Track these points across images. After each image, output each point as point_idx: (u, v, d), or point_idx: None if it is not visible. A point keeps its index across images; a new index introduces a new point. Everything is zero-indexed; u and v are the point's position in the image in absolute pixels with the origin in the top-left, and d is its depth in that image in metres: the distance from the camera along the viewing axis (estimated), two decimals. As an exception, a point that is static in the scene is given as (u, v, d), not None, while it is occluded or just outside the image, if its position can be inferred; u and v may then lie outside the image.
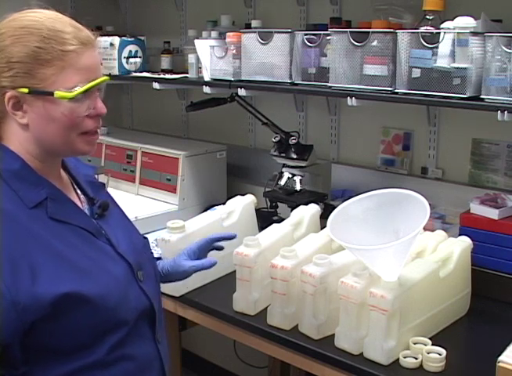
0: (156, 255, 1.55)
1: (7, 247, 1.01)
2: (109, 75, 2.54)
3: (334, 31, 1.84)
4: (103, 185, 1.31)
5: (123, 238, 1.22)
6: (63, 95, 1.06)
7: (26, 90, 1.06)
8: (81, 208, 1.20)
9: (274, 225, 1.84)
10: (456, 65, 1.58)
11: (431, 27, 1.66)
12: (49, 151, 1.13)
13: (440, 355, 1.44)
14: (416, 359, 1.45)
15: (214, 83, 2.20)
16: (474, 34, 1.57)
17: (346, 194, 2.27)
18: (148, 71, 2.64)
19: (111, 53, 2.56)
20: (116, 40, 2.57)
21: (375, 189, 1.51)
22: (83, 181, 1.25)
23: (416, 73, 1.66)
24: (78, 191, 1.23)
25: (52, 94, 1.06)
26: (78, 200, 1.21)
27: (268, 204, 2.26)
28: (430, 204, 1.40)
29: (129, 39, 2.62)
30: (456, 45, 1.58)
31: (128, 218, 1.35)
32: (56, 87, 1.06)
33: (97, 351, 1.10)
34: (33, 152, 1.12)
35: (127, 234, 1.26)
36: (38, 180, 1.11)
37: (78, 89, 1.08)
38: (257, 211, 2.10)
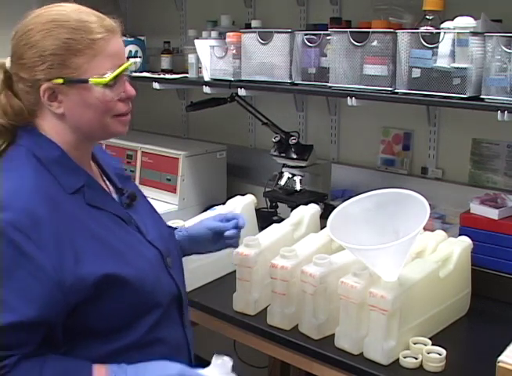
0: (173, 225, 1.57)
1: (52, 229, 1.05)
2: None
3: (334, 31, 1.84)
4: (130, 177, 1.37)
5: (151, 226, 1.27)
6: (97, 81, 1.12)
7: (60, 80, 1.10)
8: (113, 197, 1.25)
9: (274, 225, 1.84)
10: (456, 65, 1.58)
11: (431, 27, 1.66)
12: (85, 136, 1.18)
13: (440, 355, 1.44)
14: (416, 359, 1.45)
15: (214, 83, 2.20)
16: (474, 34, 1.57)
17: (346, 194, 2.27)
18: (148, 71, 2.64)
19: (111, 53, 2.56)
20: (116, 40, 2.56)
21: (375, 189, 1.51)
22: (111, 172, 1.30)
23: (416, 73, 1.66)
24: (107, 182, 1.28)
25: (86, 81, 1.11)
26: (107, 189, 1.26)
27: (268, 204, 2.26)
28: (430, 204, 1.40)
29: (129, 39, 2.62)
30: (456, 45, 1.58)
31: (154, 208, 1.40)
32: (89, 74, 1.11)
33: (134, 333, 1.14)
34: (69, 140, 1.16)
35: (154, 223, 1.31)
36: (76, 168, 1.17)
37: (111, 74, 1.13)
38: (257, 211, 2.10)
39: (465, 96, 1.58)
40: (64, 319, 1.07)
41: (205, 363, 1.20)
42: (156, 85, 2.44)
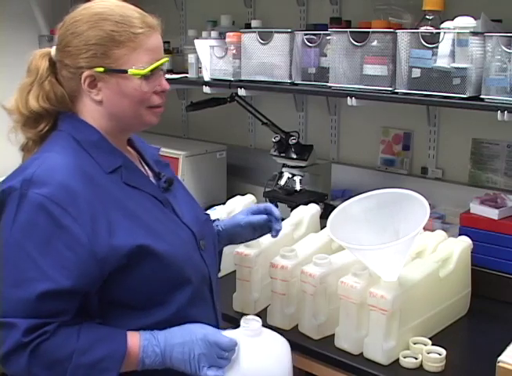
0: (213, 217, 1.58)
1: (88, 203, 1.12)
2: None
3: (334, 31, 1.84)
4: (168, 164, 1.41)
5: (187, 210, 1.32)
6: (135, 72, 1.18)
7: (101, 69, 1.17)
8: (150, 179, 1.30)
9: (274, 225, 1.84)
10: (455, 65, 1.58)
11: (431, 27, 1.66)
12: (120, 124, 1.23)
13: (440, 355, 1.44)
14: (416, 359, 1.45)
15: (214, 83, 2.20)
16: (474, 34, 1.57)
17: (346, 194, 2.27)
18: (148, 71, 2.63)
19: (111, 53, 2.56)
20: (116, 40, 2.56)
21: (375, 189, 1.51)
22: (149, 158, 1.36)
23: (416, 73, 1.66)
24: (145, 167, 1.34)
25: (125, 72, 1.18)
26: (145, 173, 1.31)
27: (268, 204, 2.25)
28: (430, 204, 1.41)
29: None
30: (456, 45, 1.58)
31: (191, 195, 1.43)
32: (129, 66, 1.18)
33: (166, 310, 1.19)
34: (106, 126, 1.22)
35: (191, 208, 1.36)
36: (114, 150, 1.23)
37: (149, 67, 1.19)
38: (257, 211, 2.10)
39: (465, 96, 1.58)
40: (99, 291, 1.13)
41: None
42: (156, 85, 2.43)
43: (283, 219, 1.90)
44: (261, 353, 1.22)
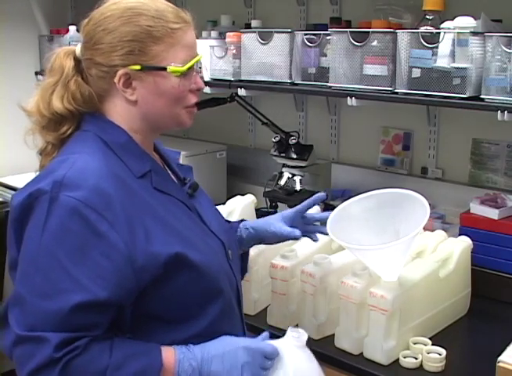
0: (239, 218, 1.55)
1: (123, 209, 1.05)
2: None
3: (334, 31, 1.84)
4: (191, 168, 1.36)
5: (213, 218, 1.28)
6: (175, 69, 1.12)
7: (138, 67, 1.11)
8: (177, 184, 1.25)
9: (274, 225, 1.84)
10: (455, 65, 1.58)
11: (431, 26, 1.66)
12: (154, 125, 1.18)
13: (440, 355, 1.44)
14: (416, 359, 1.45)
15: (214, 83, 2.20)
16: (474, 34, 1.57)
17: (346, 194, 2.27)
18: (148, 71, 2.64)
19: (111, 53, 2.56)
20: (116, 40, 2.56)
21: (375, 189, 1.51)
22: (173, 163, 1.30)
23: (416, 73, 1.66)
24: (169, 171, 1.27)
25: (164, 69, 1.12)
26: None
27: (268, 204, 2.25)
28: (430, 204, 1.40)
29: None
30: (456, 45, 1.58)
31: (212, 202, 1.38)
32: (167, 63, 1.12)
33: (198, 324, 1.13)
34: (136, 127, 1.16)
35: (215, 215, 1.33)
36: (142, 153, 1.17)
37: (187, 64, 1.14)
38: (257, 211, 2.10)
39: (465, 96, 1.58)
40: (132, 303, 1.06)
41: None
42: (156, 85, 2.43)
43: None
44: (308, 364, 1.19)
